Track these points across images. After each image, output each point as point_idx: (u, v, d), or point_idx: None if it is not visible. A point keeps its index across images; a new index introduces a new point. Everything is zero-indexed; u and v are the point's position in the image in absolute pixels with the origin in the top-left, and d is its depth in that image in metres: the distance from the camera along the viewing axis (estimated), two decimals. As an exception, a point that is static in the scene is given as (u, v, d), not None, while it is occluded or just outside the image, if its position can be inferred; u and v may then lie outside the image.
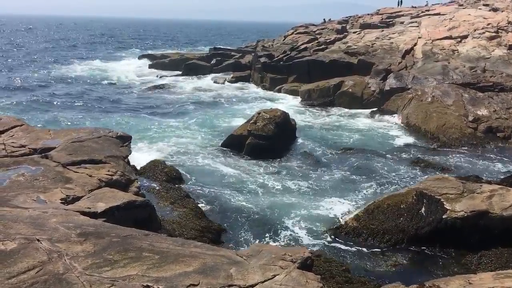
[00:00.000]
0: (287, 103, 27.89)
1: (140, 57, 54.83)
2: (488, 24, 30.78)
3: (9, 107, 25.46)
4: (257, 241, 10.45)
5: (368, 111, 25.77)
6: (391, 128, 22.49)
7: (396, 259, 9.75)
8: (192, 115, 24.70)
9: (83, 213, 6.83)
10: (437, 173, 14.78)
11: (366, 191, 14.06)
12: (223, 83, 35.99)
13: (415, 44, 30.61)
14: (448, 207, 10.09)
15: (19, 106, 25.99)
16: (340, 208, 12.64)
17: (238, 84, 35.43)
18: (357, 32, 37.64)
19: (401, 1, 54.57)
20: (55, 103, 27.30)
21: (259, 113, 18.15)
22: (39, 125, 17.82)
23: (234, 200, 13.04)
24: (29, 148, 9.85)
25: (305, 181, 14.81)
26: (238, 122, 20.98)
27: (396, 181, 14.95)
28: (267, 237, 10.89)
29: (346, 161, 16.97)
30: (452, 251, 9.89)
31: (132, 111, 25.60)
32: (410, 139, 20.46)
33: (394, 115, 24.55)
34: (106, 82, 36.39)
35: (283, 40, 42.73)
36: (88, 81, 36.78)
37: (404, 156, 17.81)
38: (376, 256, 9.92)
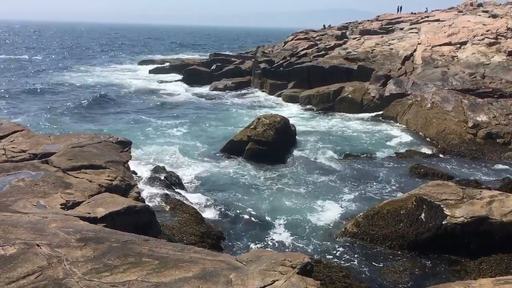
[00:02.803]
0: (287, 109, 27.95)
1: (140, 63, 55.01)
2: (488, 31, 30.89)
3: (8, 112, 25.50)
4: (256, 247, 10.44)
5: (368, 116, 25.85)
6: (391, 134, 22.50)
7: (396, 265, 9.73)
8: (192, 120, 24.72)
9: (83, 218, 6.83)
10: (437, 179, 14.76)
11: (366, 197, 14.05)
12: (223, 88, 36.05)
13: (414, 50, 30.73)
14: (448, 213, 10.08)
15: (18, 110, 26.03)
16: (340, 214, 12.63)
17: (238, 90, 35.50)
18: (357, 38, 37.77)
19: (401, 8, 54.78)
20: (54, 108, 27.32)
21: (259, 119, 18.17)
22: (39, 130, 17.85)
23: (233, 206, 13.04)
24: (29, 153, 9.86)
25: (305, 186, 14.81)
26: (238, 127, 21.01)
27: (395, 187, 14.95)
28: (266, 242, 10.88)
29: (346, 167, 16.98)
30: (452, 257, 9.86)
31: (132, 116, 25.62)
32: (409, 145, 20.47)
33: (393, 120, 24.62)
34: (106, 88, 36.44)
35: (283, 46, 42.86)
36: (88, 86, 36.85)
37: (403, 161, 17.82)
38: (376, 262, 9.90)
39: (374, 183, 15.24)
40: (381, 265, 9.76)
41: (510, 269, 9.05)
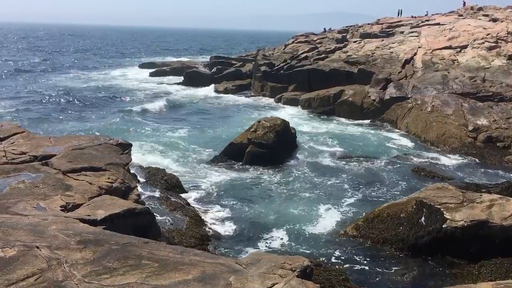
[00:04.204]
0: (287, 112, 27.94)
1: (141, 65, 54.98)
2: (488, 35, 30.91)
3: (3, 113, 25.49)
4: (256, 249, 10.42)
5: (368, 120, 25.84)
6: (391, 137, 22.51)
7: (396, 269, 9.72)
8: (193, 123, 24.74)
9: (83, 221, 6.82)
10: (437, 182, 14.77)
11: (366, 200, 14.04)
12: (224, 91, 36.08)
13: (415, 54, 30.74)
14: (448, 217, 10.07)
15: (18, 113, 26.01)
16: (340, 217, 12.62)
17: (239, 93, 35.51)
18: (357, 42, 37.79)
19: (401, 11, 54.80)
20: (53, 111, 27.31)
21: (259, 122, 18.16)
22: (34, 130, 17.85)
23: (233, 208, 13.03)
24: (30, 155, 9.85)
25: (305, 189, 14.80)
26: (238, 130, 20.99)
27: (395, 190, 14.95)
28: (266, 245, 10.87)
29: (346, 169, 16.98)
30: (452, 260, 9.86)
31: (132, 118, 25.59)
32: (410, 148, 20.49)
33: (393, 124, 24.61)
34: (106, 91, 36.43)
35: (284, 49, 42.86)
36: (88, 89, 36.84)
37: (403, 165, 17.82)
38: (375, 265, 9.89)
39: (374, 186, 15.24)
40: (381, 269, 9.75)
41: (510, 273, 9.03)
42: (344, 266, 9.86)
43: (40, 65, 54.16)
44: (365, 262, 10.04)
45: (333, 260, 10.15)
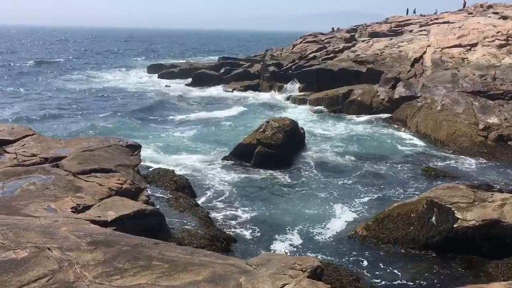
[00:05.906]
0: (296, 112, 27.90)
1: (149, 67, 55.16)
2: (498, 32, 30.63)
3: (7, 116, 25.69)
4: (266, 250, 10.41)
5: (377, 119, 25.71)
6: (401, 136, 22.38)
7: (406, 269, 9.66)
8: (201, 123, 24.76)
9: (93, 222, 6.85)
10: (448, 181, 14.65)
11: (376, 200, 13.97)
12: (232, 91, 36.13)
13: (424, 52, 30.54)
14: (459, 216, 9.99)
15: (26, 115, 26.21)
16: (350, 217, 12.57)
17: (247, 93, 35.54)
18: (366, 41, 37.63)
19: (415, 10, 54.47)
20: (63, 113, 27.48)
21: (267, 122, 18.13)
22: (50, 134, 17.99)
23: (243, 209, 13.03)
24: (40, 157, 9.92)
25: (315, 190, 14.77)
26: (247, 130, 20.99)
27: (406, 190, 14.86)
28: (276, 245, 10.85)
29: (355, 169, 16.90)
30: (464, 260, 9.78)
31: (141, 120, 25.71)
32: (420, 148, 20.35)
33: (403, 123, 24.46)
34: (115, 92, 36.63)
35: (292, 49, 42.81)
36: (97, 91, 37.04)
37: (414, 164, 17.70)
38: (386, 266, 9.83)
39: (385, 186, 15.16)
40: (391, 269, 9.69)
41: (523, 273, 8.93)
42: (355, 266, 9.82)
43: (46, 69, 54.58)
44: (376, 262, 9.98)
45: (343, 260, 10.12)
